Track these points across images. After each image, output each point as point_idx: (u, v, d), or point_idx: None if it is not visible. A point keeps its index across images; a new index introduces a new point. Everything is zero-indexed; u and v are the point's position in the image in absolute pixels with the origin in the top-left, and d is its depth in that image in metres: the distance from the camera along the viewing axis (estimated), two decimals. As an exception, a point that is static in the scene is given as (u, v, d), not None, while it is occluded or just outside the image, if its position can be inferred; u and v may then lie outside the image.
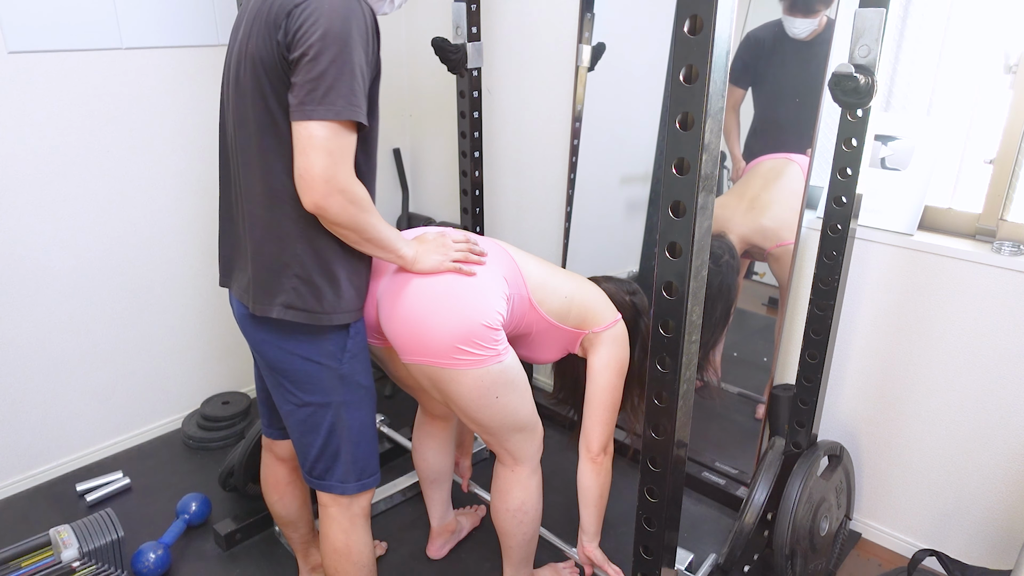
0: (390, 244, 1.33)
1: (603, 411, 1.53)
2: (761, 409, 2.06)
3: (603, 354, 1.54)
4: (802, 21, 1.83)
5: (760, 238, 1.97)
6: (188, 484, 2.22)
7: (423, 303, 1.37)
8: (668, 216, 1.01)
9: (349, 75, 1.15)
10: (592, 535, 1.61)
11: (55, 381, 2.22)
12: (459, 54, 2.11)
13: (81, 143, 2.10)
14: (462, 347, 1.35)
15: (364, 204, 1.25)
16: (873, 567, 1.95)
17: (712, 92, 0.93)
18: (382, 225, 1.30)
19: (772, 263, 1.98)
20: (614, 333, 1.55)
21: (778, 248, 1.93)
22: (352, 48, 1.16)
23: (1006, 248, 1.65)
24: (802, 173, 1.85)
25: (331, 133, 1.16)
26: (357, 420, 1.42)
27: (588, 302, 1.55)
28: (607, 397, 1.53)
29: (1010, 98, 1.63)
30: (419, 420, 1.86)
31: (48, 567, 1.68)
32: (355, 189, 1.22)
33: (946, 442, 1.83)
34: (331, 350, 1.36)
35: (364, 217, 1.25)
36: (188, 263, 2.41)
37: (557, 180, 2.42)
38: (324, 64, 1.14)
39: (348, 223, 1.24)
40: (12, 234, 2.03)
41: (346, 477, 1.43)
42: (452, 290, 1.38)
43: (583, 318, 1.53)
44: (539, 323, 1.50)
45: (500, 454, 1.57)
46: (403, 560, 1.95)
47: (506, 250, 1.50)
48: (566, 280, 1.56)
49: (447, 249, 1.41)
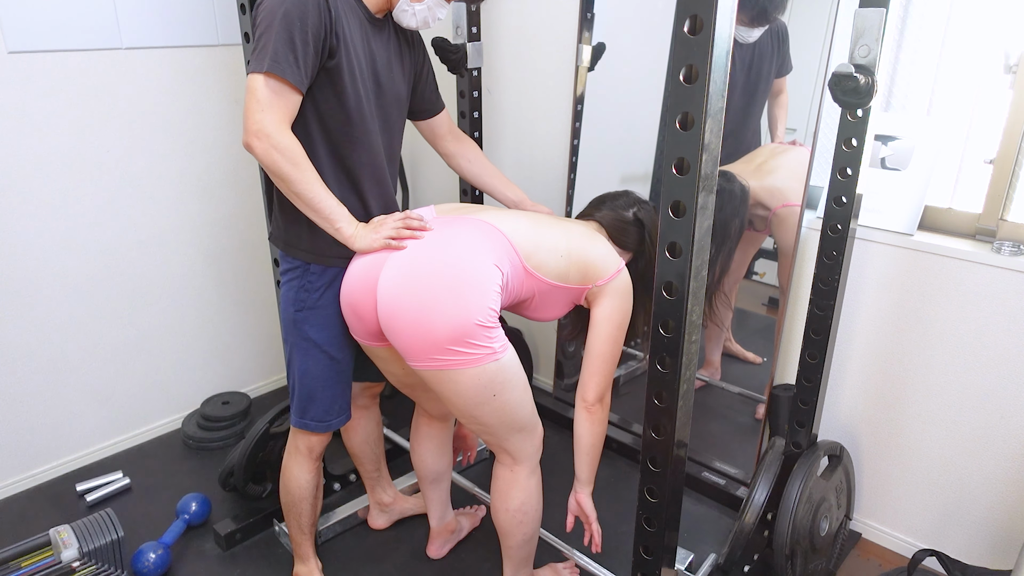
0: (325, 211, 1.44)
1: (601, 362, 1.51)
2: (761, 409, 2.06)
3: (605, 305, 1.51)
4: (758, 30, 1.88)
5: (767, 196, 1.96)
6: (188, 484, 2.23)
7: (414, 303, 1.36)
8: (668, 216, 1.01)
9: (276, 40, 1.33)
10: (584, 482, 1.59)
11: (55, 381, 2.22)
12: (459, 54, 2.11)
13: (81, 143, 2.10)
14: (454, 348, 1.34)
15: (290, 155, 1.37)
16: (873, 567, 1.95)
17: (712, 92, 0.93)
18: (316, 187, 1.42)
19: (776, 226, 1.95)
20: (616, 285, 1.52)
21: (784, 208, 1.91)
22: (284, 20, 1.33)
23: (1006, 248, 1.65)
24: (806, 155, 1.85)
25: (259, 84, 1.34)
26: (304, 367, 1.60)
27: (587, 256, 1.51)
28: (606, 348, 1.51)
29: (1010, 98, 1.63)
30: (416, 421, 1.86)
31: (48, 567, 1.68)
32: (280, 138, 1.36)
33: (946, 442, 1.83)
34: (292, 295, 1.57)
35: (288, 168, 1.38)
36: (188, 263, 2.41)
37: (557, 180, 2.42)
38: (260, 31, 1.36)
39: (272, 168, 1.38)
40: (12, 234, 2.03)
41: (295, 410, 1.65)
42: (440, 289, 1.36)
43: (584, 273, 1.50)
44: (540, 287, 1.48)
45: (499, 454, 1.57)
46: (403, 560, 1.95)
47: (492, 225, 1.45)
48: (562, 235, 1.52)
49: (381, 228, 1.47)
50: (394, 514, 2.05)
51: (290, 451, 1.71)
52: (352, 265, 1.50)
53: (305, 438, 1.68)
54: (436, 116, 1.78)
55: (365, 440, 1.92)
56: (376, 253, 1.45)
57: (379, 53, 1.52)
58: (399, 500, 2.06)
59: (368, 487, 2.02)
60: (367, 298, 1.44)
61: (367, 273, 1.45)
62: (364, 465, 1.97)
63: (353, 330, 1.55)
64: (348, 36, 1.42)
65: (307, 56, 1.36)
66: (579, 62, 2.22)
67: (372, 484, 2.01)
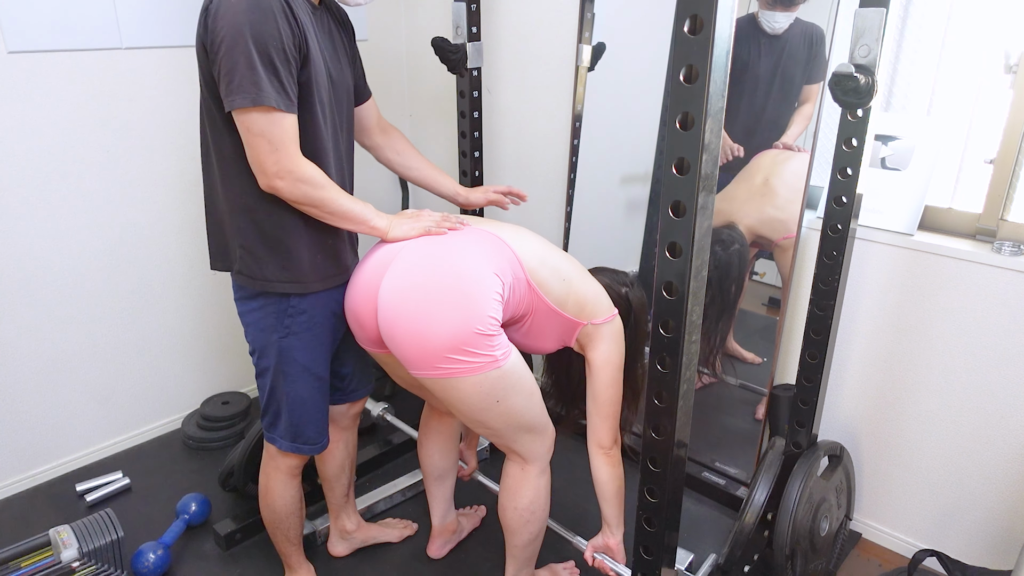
0: (358, 216, 1.43)
1: (608, 406, 1.53)
2: (761, 409, 2.06)
3: (603, 349, 1.52)
4: (783, 15, 1.85)
5: (768, 230, 1.97)
6: (188, 484, 2.22)
7: (413, 312, 1.36)
8: (668, 216, 1.01)
9: (256, 65, 1.24)
10: (615, 526, 1.60)
11: (55, 381, 2.22)
12: (459, 54, 2.11)
13: (81, 143, 2.10)
14: (454, 356, 1.33)
15: (314, 181, 1.35)
16: (873, 567, 1.95)
17: (712, 92, 0.93)
18: (343, 199, 1.40)
19: (779, 255, 1.96)
20: (612, 328, 1.53)
21: (786, 240, 1.92)
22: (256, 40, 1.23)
23: (1006, 248, 1.65)
24: (806, 161, 1.84)
25: (256, 122, 1.27)
26: (294, 392, 1.54)
27: (585, 290, 1.52)
28: (612, 392, 1.52)
29: (1010, 98, 1.63)
30: (425, 415, 1.86)
31: (48, 567, 1.68)
32: (301, 170, 1.33)
33: (946, 442, 1.83)
34: (271, 323, 1.48)
35: (318, 194, 1.36)
36: (188, 263, 2.41)
37: (557, 180, 2.42)
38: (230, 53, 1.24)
39: (303, 200, 1.36)
40: (12, 234, 2.03)
41: (284, 435, 1.59)
42: (439, 297, 1.35)
43: (581, 307, 1.51)
44: (538, 305, 1.47)
45: (509, 453, 1.57)
46: (403, 560, 1.95)
47: (497, 236, 1.45)
48: (563, 260, 1.53)
49: (419, 219, 1.48)
50: (356, 542, 1.96)
51: (270, 472, 1.65)
52: (355, 275, 1.50)
53: (290, 459, 1.63)
54: (364, 103, 1.66)
55: (341, 466, 1.84)
56: (378, 263, 1.45)
57: (325, 46, 1.42)
58: (363, 528, 1.97)
59: (332, 513, 1.93)
60: (369, 306, 1.44)
61: (369, 282, 1.45)
62: (335, 491, 1.87)
63: (357, 337, 1.55)
64: (311, 42, 1.34)
65: (290, 75, 1.29)
66: (579, 62, 2.22)
67: (337, 511, 1.92)
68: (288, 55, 1.27)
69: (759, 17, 1.88)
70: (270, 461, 1.65)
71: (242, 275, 1.46)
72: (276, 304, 1.47)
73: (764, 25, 1.88)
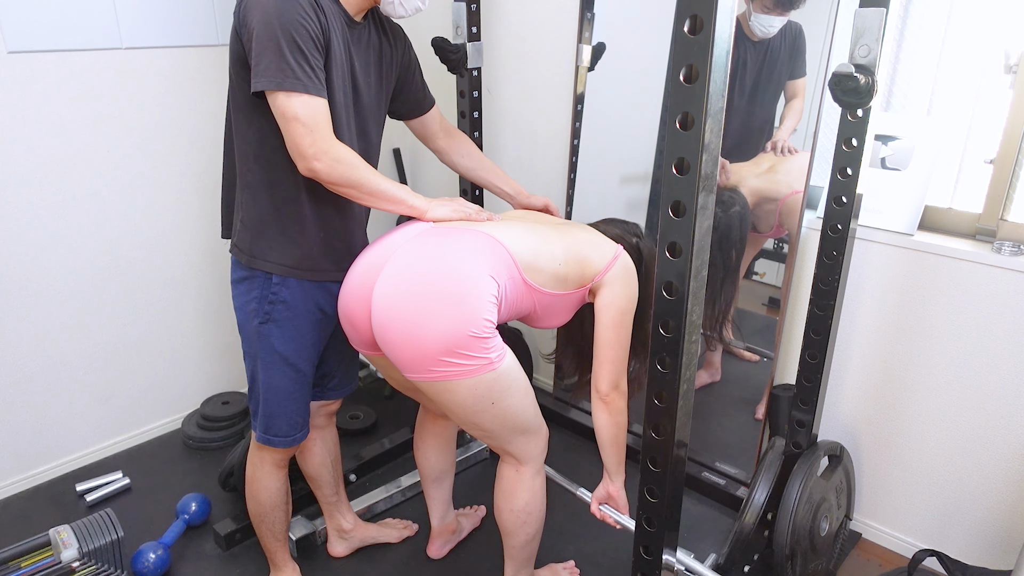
0: (396, 196, 1.46)
1: (608, 348, 1.50)
2: (761, 409, 2.06)
3: (606, 293, 1.50)
4: (779, 19, 1.85)
5: (773, 188, 1.94)
6: (188, 484, 2.23)
7: (406, 315, 1.35)
8: (668, 216, 1.01)
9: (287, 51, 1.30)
10: (614, 473, 1.58)
11: (55, 381, 2.22)
12: (459, 54, 2.11)
13: (81, 143, 2.10)
14: (447, 359, 1.32)
15: (351, 161, 1.39)
16: (873, 567, 1.95)
17: (712, 92, 0.93)
18: (380, 180, 1.43)
19: (787, 216, 1.93)
20: (615, 272, 1.51)
21: (794, 196, 1.89)
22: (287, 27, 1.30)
23: (1006, 248, 1.65)
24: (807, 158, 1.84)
25: (291, 106, 1.32)
26: (269, 381, 1.56)
27: (583, 252, 1.50)
28: (612, 334, 1.50)
29: (1010, 98, 1.63)
30: (421, 418, 1.85)
31: (48, 567, 1.68)
32: (337, 151, 1.37)
33: (946, 442, 1.83)
34: (254, 307, 1.52)
35: (355, 174, 1.39)
36: (188, 263, 2.41)
37: (557, 180, 2.42)
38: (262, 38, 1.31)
39: (341, 181, 1.39)
40: (12, 234, 2.03)
41: (259, 425, 1.61)
42: (433, 300, 1.34)
43: (582, 272, 1.50)
44: (540, 299, 1.47)
45: (503, 455, 1.57)
46: (403, 560, 1.95)
47: (492, 237, 1.44)
48: (558, 242, 1.51)
49: (459, 205, 1.53)
50: (355, 542, 1.95)
51: (255, 464, 1.67)
52: (348, 276, 1.49)
53: (271, 452, 1.64)
54: (427, 114, 1.75)
55: (322, 463, 1.84)
56: (371, 264, 1.44)
57: (358, 59, 1.49)
58: (360, 527, 1.96)
59: (326, 512, 1.93)
60: (362, 308, 1.43)
61: (362, 283, 1.44)
62: (322, 489, 1.88)
63: (350, 339, 1.54)
64: (334, 42, 1.40)
65: (318, 61, 1.35)
66: (579, 62, 2.22)
67: (331, 509, 1.92)
68: (316, 43, 1.34)
69: (749, 21, 1.87)
70: (256, 451, 1.66)
71: (236, 248, 1.53)
72: (261, 287, 1.51)
73: (755, 29, 1.87)
